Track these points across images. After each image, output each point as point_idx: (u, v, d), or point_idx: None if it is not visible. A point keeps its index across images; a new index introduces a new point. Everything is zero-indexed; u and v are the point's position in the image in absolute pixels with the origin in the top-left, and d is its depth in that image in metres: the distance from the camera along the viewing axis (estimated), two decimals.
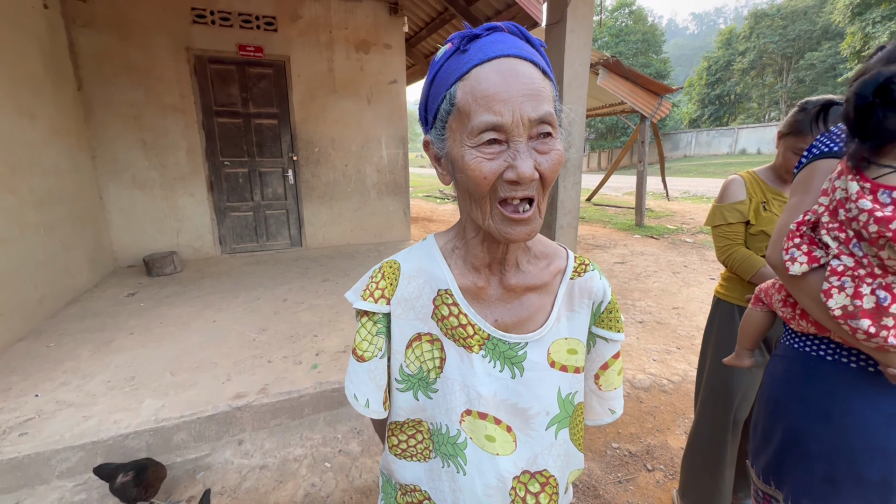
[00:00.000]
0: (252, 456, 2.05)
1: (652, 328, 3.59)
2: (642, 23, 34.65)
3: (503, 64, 0.51)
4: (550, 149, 0.52)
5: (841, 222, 0.80)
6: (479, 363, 0.64)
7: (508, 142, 0.51)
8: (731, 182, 1.57)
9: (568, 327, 0.68)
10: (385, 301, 0.66)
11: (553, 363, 0.66)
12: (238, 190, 5.11)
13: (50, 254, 3.31)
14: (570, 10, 2.36)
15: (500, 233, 0.55)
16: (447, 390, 0.65)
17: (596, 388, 0.73)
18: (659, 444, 2.21)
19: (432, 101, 0.58)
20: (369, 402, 0.67)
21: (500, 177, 0.52)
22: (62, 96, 3.82)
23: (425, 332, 0.66)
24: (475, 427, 0.65)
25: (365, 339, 0.66)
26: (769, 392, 1.02)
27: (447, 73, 0.55)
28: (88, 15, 4.17)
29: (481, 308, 0.65)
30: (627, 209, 9.88)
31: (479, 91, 0.50)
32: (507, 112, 0.49)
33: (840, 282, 0.79)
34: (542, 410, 0.66)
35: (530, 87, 0.50)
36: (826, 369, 0.90)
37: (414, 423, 0.69)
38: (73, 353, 2.64)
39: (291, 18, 4.92)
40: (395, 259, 0.69)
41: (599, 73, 6.31)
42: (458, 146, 0.54)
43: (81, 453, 1.87)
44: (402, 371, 0.67)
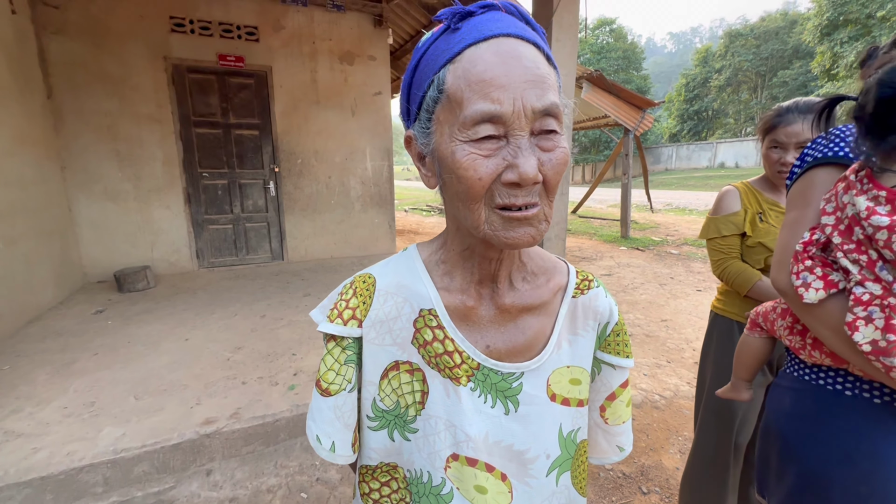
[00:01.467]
0: (221, 487, 1.89)
1: (641, 341, 3.53)
2: (623, 40, 35.68)
3: (502, 44, 0.42)
4: (555, 146, 0.43)
5: (858, 242, 0.69)
6: (468, 398, 0.54)
7: (507, 136, 0.42)
8: (726, 193, 1.51)
9: (570, 353, 0.59)
10: (356, 323, 0.55)
11: (553, 396, 0.57)
12: (217, 202, 4.95)
13: (9, 269, 3.11)
14: (555, 20, 2.33)
15: (500, 238, 0.45)
16: (429, 430, 0.55)
17: (602, 421, 0.63)
18: (653, 465, 2.12)
19: (416, 88, 0.48)
20: (335, 445, 0.56)
21: (497, 178, 0.43)
22: (29, 104, 3.65)
23: (404, 360, 0.55)
24: (463, 475, 0.55)
25: (331, 369, 0.56)
26: (777, 428, 0.89)
27: (435, 54, 0.46)
28: (60, 22, 4.02)
29: (471, 332, 0.55)
30: (612, 221, 9.94)
31: (473, 75, 0.42)
32: (508, 100, 0.41)
33: (867, 312, 0.67)
34: (542, 453, 0.57)
35: (534, 72, 0.42)
36: (846, 405, 0.78)
37: (388, 469, 0.58)
38: (28, 376, 2.45)
39: (274, 28, 4.85)
40: (369, 272, 0.58)
41: (583, 86, 6.37)
42: (447, 141, 0.44)
43: (28, 490, 1.69)
44: (375, 406, 0.57)
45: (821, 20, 21.53)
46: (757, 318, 1.08)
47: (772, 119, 1.35)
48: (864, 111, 0.68)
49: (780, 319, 0.97)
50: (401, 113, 0.54)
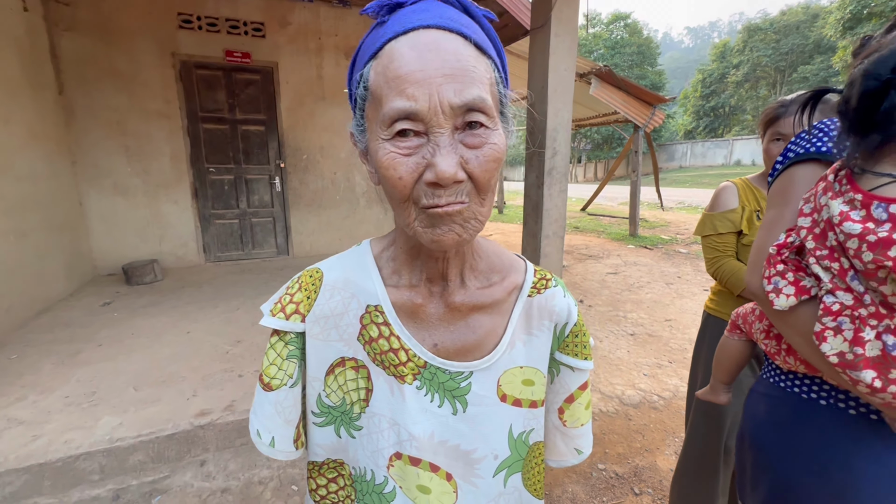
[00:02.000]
0: (214, 478, 1.92)
1: (643, 341, 3.48)
2: (637, 35, 35.09)
3: (422, 37, 0.40)
4: (483, 142, 0.41)
5: (831, 249, 0.65)
6: (413, 396, 0.53)
7: (428, 134, 0.40)
8: (723, 190, 1.47)
9: (525, 354, 0.57)
10: (299, 318, 0.54)
11: (504, 396, 0.56)
12: (223, 197, 5.01)
13: (20, 261, 3.19)
14: (554, 15, 2.30)
15: (426, 238, 0.44)
16: (373, 428, 0.54)
17: (560, 423, 0.62)
18: (648, 466, 2.10)
19: (352, 85, 0.48)
20: (275, 440, 0.56)
21: (419, 178, 0.41)
22: (41, 100, 3.73)
23: (350, 356, 0.55)
24: (406, 474, 0.54)
25: (273, 364, 0.55)
26: (752, 434, 0.87)
27: (364, 51, 0.45)
28: (71, 19, 4.10)
29: (418, 330, 0.54)
30: (622, 219, 9.82)
31: (390, 70, 0.40)
32: (423, 96, 0.39)
33: (836, 322, 0.63)
34: (490, 453, 0.56)
35: (453, 65, 0.39)
36: (821, 416, 0.76)
37: (335, 465, 0.58)
38: (35, 365, 2.51)
39: (280, 24, 4.88)
40: (318, 267, 0.57)
41: (592, 82, 6.28)
42: (373, 139, 0.43)
43: (27, 476, 1.74)
44: (320, 402, 0.56)
45: (843, 14, 20.91)
46: (737, 319, 1.06)
47: (774, 111, 1.31)
48: (849, 105, 0.63)
49: (757, 322, 0.95)
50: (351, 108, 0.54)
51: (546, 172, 2.50)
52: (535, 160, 2.57)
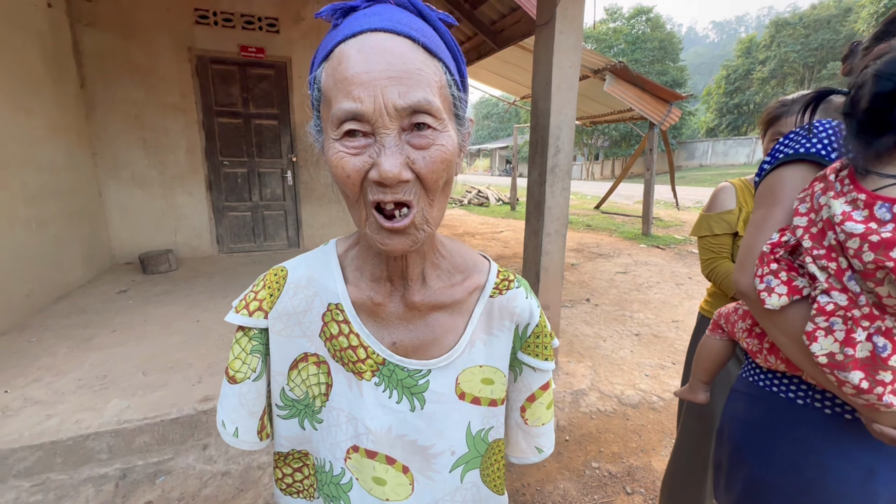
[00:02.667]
0: (215, 462, 2.00)
1: (648, 341, 3.45)
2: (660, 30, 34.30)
3: (369, 39, 0.41)
4: (429, 143, 0.42)
5: (829, 248, 0.64)
6: (371, 392, 0.55)
7: (374, 134, 0.42)
8: (721, 190, 1.46)
9: (485, 353, 0.59)
10: (262, 314, 0.56)
11: (462, 395, 0.57)
12: (237, 190, 5.12)
13: (41, 249, 3.33)
14: (559, 11, 2.28)
15: (377, 243, 0.46)
16: (332, 422, 0.57)
17: (522, 421, 0.64)
18: (642, 466, 2.09)
19: (309, 87, 0.49)
20: (238, 430, 0.58)
21: (366, 176, 0.43)
22: (63, 94, 3.86)
23: (312, 352, 0.57)
24: (362, 467, 0.56)
25: (238, 358, 0.57)
26: (730, 432, 0.89)
27: (318, 54, 0.47)
28: (93, 14, 4.22)
29: (377, 328, 0.56)
30: (635, 218, 9.68)
31: (339, 72, 0.41)
32: (368, 98, 0.40)
33: (828, 323, 0.64)
34: (447, 449, 0.58)
35: (398, 67, 0.40)
36: (796, 414, 0.77)
37: (300, 456, 0.61)
38: (51, 349, 2.63)
39: (294, 20, 4.93)
40: (283, 265, 0.59)
41: (606, 78, 6.19)
42: (326, 139, 0.45)
43: (40, 453, 1.83)
44: (284, 395, 0.58)
45: (877, 7, 20.10)
46: (719, 319, 1.06)
47: (775, 110, 1.28)
48: (857, 107, 0.63)
49: (739, 321, 0.95)
50: None
51: (549, 170, 2.50)
52: (537, 157, 2.56)
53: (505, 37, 5.34)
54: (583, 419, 2.43)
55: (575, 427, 2.36)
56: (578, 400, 2.60)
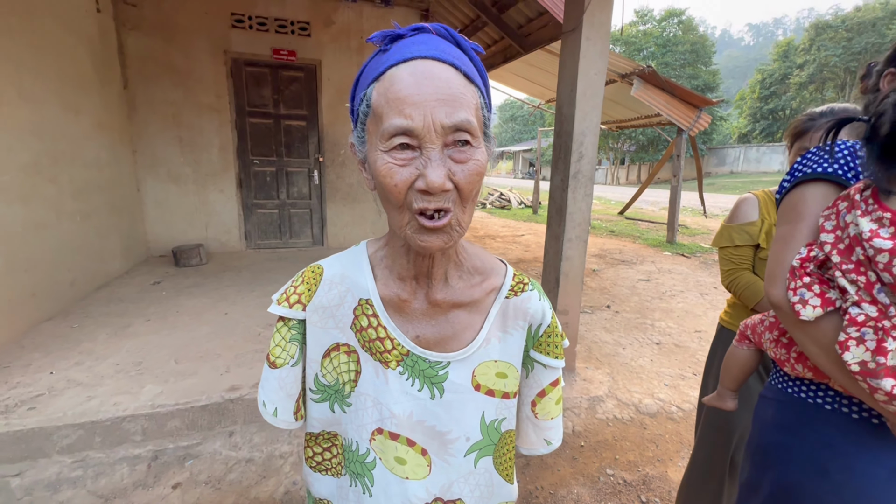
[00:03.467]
0: (240, 448, 2.09)
1: (669, 350, 3.41)
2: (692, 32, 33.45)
3: (419, 66, 0.47)
4: (468, 158, 0.48)
5: (858, 263, 0.68)
6: (395, 380, 0.61)
7: (421, 148, 0.47)
8: (743, 201, 1.45)
9: (499, 349, 0.63)
10: (301, 307, 0.63)
11: (478, 386, 0.62)
12: (265, 188, 5.29)
13: (84, 240, 3.53)
14: (586, 18, 2.29)
15: (415, 241, 0.51)
16: (360, 406, 0.62)
17: (532, 415, 0.68)
18: (658, 475, 2.08)
19: (355, 102, 0.55)
20: (278, 410, 0.64)
21: (412, 185, 0.48)
22: (108, 94, 4.08)
23: (343, 342, 0.63)
24: (385, 447, 0.62)
25: (278, 345, 0.64)
26: (758, 436, 0.92)
27: (367, 73, 0.52)
28: (137, 19, 4.45)
29: (403, 322, 0.61)
30: (660, 224, 9.49)
31: (391, 93, 0.47)
32: (419, 116, 0.46)
33: (860, 333, 0.67)
34: (462, 435, 0.62)
35: (445, 91, 0.47)
36: (824, 418, 0.80)
37: (329, 436, 0.66)
38: (92, 335, 2.79)
39: (325, 24, 5.07)
40: (319, 264, 0.66)
41: (634, 83, 6.11)
42: (373, 150, 0.50)
43: (81, 432, 1.96)
44: (317, 381, 0.64)
45: None
46: (745, 329, 1.08)
47: (803, 124, 1.28)
48: (877, 134, 0.67)
49: (767, 332, 0.98)
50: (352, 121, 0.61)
51: (571, 176, 2.51)
52: (560, 163, 2.57)
53: (531, 41, 5.35)
54: (599, 425, 2.43)
55: (591, 433, 2.36)
56: (595, 406, 2.59)
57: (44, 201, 3.02)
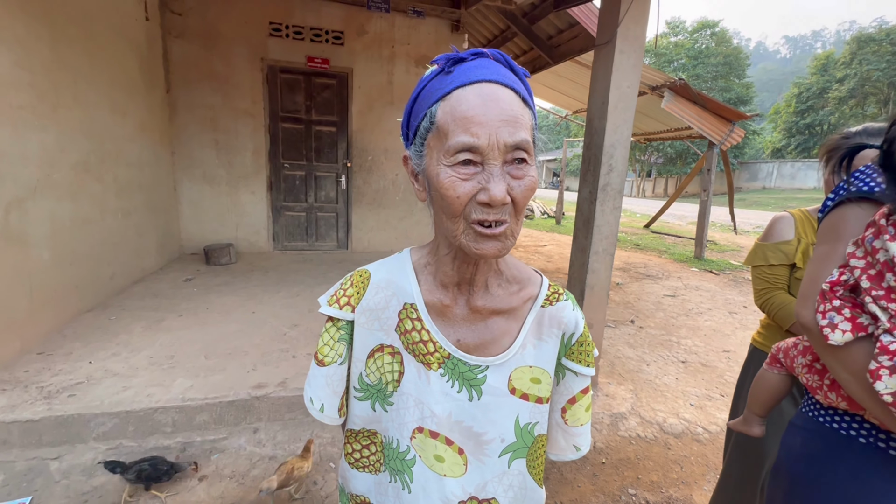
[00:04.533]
0: (264, 445, 2.14)
1: (695, 370, 3.31)
2: (726, 44, 32.73)
3: (484, 88, 0.51)
4: (524, 174, 0.52)
5: (889, 289, 0.66)
6: (437, 381, 0.63)
7: (483, 164, 0.51)
8: (779, 220, 1.42)
9: (534, 355, 0.65)
10: (350, 309, 0.66)
11: (514, 390, 0.64)
12: (294, 191, 5.43)
13: (124, 237, 3.69)
14: (620, 31, 2.29)
15: (471, 248, 0.54)
16: (402, 405, 0.65)
17: (562, 421, 0.69)
18: (682, 498, 2.02)
19: (414, 118, 0.58)
20: (324, 406, 0.68)
21: (472, 198, 0.51)
22: (152, 98, 4.29)
23: (388, 343, 0.65)
24: (425, 445, 0.64)
25: (326, 344, 0.67)
26: (786, 467, 0.88)
27: (430, 92, 0.55)
28: (182, 27, 4.66)
29: (445, 326, 0.64)
30: (688, 239, 9.27)
31: (458, 112, 0.51)
32: (484, 135, 0.49)
33: (893, 362, 0.64)
34: (497, 437, 0.64)
35: (509, 112, 0.50)
36: (857, 452, 0.77)
37: (369, 434, 0.69)
38: (128, 327, 2.91)
39: (358, 33, 5.20)
40: (366, 268, 0.69)
41: (665, 95, 6.03)
42: (434, 164, 0.54)
43: (116, 420, 2.04)
44: (361, 380, 0.67)
45: None
46: (777, 353, 1.05)
47: (837, 143, 1.25)
48: (892, 161, 0.68)
49: (800, 356, 0.95)
50: (402, 135, 0.64)
51: (600, 188, 2.49)
52: (589, 175, 2.56)
53: (561, 52, 5.35)
54: (621, 443, 2.38)
55: (612, 450, 2.32)
56: (617, 423, 2.54)
57: (90, 198, 3.19)
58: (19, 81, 2.49)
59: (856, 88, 29.01)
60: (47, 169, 2.72)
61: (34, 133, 2.60)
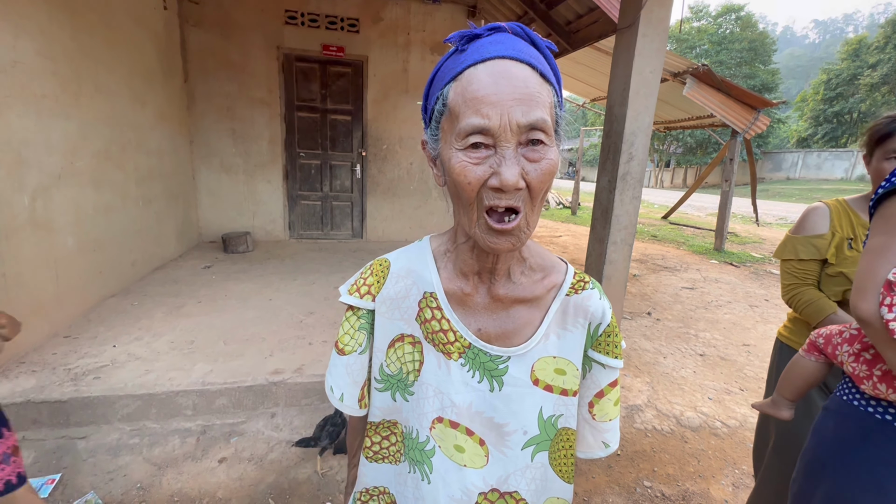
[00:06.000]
0: (281, 430, 2.17)
1: (714, 363, 3.25)
2: (751, 29, 31.57)
3: (496, 65, 0.48)
4: (541, 157, 0.48)
5: None
6: (457, 371, 0.62)
7: (496, 147, 0.48)
8: (813, 211, 1.35)
9: (558, 346, 0.63)
10: (370, 298, 0.65)
11: (537, 381, 0.62)
12: (310, 180, 5.46)
13: (145, 224, 3.77)
14: (643, 14, 2.21)
15: (484, 242, 0.52)
16: (422, 395, 0.64)
17: (590, 416, 0.67)
18: (699, 492, 2.00)
19: (429, 101, 0.56)
20: (344, 396, 0.67)
21: (485, 183, 0.49)
22: (170, 87, 4.33)
23: (408, 333, 0.65)
24: (445, 435, 0.63)
25: (347, 333, 0.67)
26: (814, 449, 0.89)
27: (444, 73, 0.53)
28: (199, 15, 4.68)
29: (465, 315, 0.63)
30: (707, 231, 9.06)
31: (468, 92, 0.48)
32: (495, 115, 0.46)
33: None
34: (520, 429, 0.63)
35: (522, 90, 0.47)
36: (889, 436, 0.77)
37: (389, 425, 0.68)
38: (149, 313, 2.98)
39: (373, 20, 5.15)
40: (386, 257, 0.68)
41: (687, 82, 5.84)
42: (447, 148, 0.51)
43: (139, 402, 2.10)
44: (381, 370, 0.67)
45: None
46: (817, 339, 1.02)
47: (886, 126, 1.18)
48: None
49: (846, 344, 0.93)
50: (423, 118, 0.62)
51: (619, 177, 2.43)
52: (608, 164, 2.50)
53: (580, 37, 5.21)
54: (637, 435, 2.36)
55: (628, 443, 2.30)
56: (633, 415, 2.52)
57: (112, 186, 3.25)
58: (42, 70, 2.53)
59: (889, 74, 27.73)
60: (70, 157, 2.77)
61: (57, 121, 2.65)
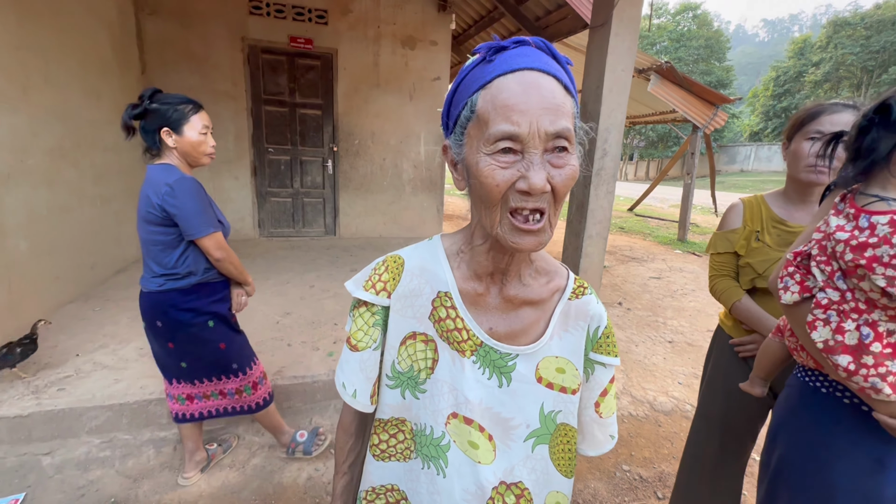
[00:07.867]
0: (263, 434, 2.12)
1: (682, 349, 3.41)
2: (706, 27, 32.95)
3: (526, 76, 0.51)
4: (565, 163, 0.52)
5: (829, 255, 0.79)
6: (470, 369, 0.64)
7: (523, 152, 0.51)
8: (731, 208, 1.47)
9: (560, 346, 0.67)
10: (386, 294, 0.66)
11: (540, 378, 0.66)
12: (279, 176, 5.30)
13: (104, 225, 3.56)
14: (615, 13, 2.27)
15: (509, 241, 0.54)
16: (436, 392, 0.65)
17: (597, 416, 0.71)
18: (673, 472, 2.10)
19: (454, 107, 0.58)
20: (357, 392, 0.68)
21: (512, 186, 0.51)
22: (127, 79, 4.09)
23: (420, 331, 0.66)
24: (460, 431, 0.65)
25: (361, 329, 0.67)
26: (772, 422, 1.02)
27: (471, 81, 0.55)
28: (156, 3, 4.43)
29: (478, 314, 0.65)
30: (671, 222, 9.45)
31: (499, 100, 0.51)
32: (525, 123, 0.49)
33: (825, 315, 0.79)
34: (523, 422, 0.66)
35: (550, 101, 0.50)
36: (818, 400, 0.90)
37: (397, 423, 0.69)
38: (114, 318, 2.83)
39: (342, 12, 5.03)
40: (398, 254, 0.69)
41: (651, 78, 6.05)
42: (474, 153, 0.54)
43: (109, 413, 2.00)
44: (393, 368, 0.68)
45: None
46: (780, 323, 1.15)
47: (812, 109, 1.24)
48: (849, 139, 0.83)
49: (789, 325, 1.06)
50: (442, 124, 0.64)
51: (594, 173, 2.50)
52: (583, 159, 2.57)
53: (549, 33, 5.28)
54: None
55: None
56: None
57: (67, 185, 3.05)
58: None
59: (831, 72, 29.69)
60: (20, 155, 2.58)
61: (4, 116, 2.47)
